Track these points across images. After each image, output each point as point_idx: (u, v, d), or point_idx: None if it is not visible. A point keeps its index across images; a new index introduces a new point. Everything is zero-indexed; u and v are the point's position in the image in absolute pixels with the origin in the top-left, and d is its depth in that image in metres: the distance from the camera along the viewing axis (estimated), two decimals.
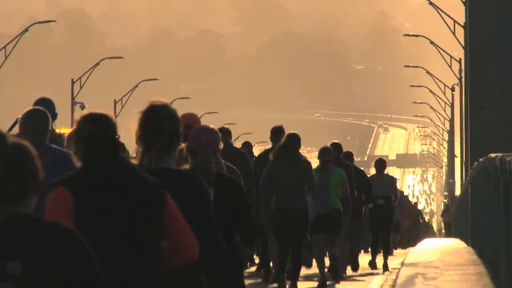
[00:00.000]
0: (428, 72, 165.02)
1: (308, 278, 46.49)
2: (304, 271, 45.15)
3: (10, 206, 9.18)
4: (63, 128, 40.80)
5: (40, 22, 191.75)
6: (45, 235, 9.22)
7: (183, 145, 17.83)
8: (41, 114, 25.34)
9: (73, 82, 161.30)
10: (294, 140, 42.57)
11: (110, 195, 13.48)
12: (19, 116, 32.80)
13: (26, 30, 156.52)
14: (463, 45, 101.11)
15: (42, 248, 9.16)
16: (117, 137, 13.60)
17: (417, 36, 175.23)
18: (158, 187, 13.64)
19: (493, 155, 35.91)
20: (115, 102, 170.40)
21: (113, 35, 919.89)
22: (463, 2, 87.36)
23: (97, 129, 13.02)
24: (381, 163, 65.53)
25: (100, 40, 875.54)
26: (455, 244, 54.88)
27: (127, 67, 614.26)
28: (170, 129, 15.90)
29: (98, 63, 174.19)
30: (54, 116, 29.78)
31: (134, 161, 15.11)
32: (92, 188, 13.49)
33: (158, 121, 15.45)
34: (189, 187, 16.45)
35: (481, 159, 45.41)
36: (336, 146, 53.04)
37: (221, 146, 19.40)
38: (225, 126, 32.59)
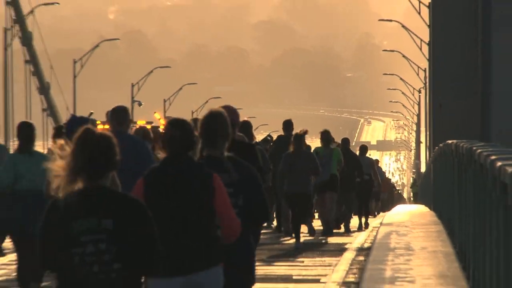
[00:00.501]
0: (401, 79, 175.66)
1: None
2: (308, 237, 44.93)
3: (96, 179, 10.68)
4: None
5: (108, 40, 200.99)
6: (124, 202, 10.84)
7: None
8: (121, 110, 26.20)
9: (132, 86, 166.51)
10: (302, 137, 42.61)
11: (175, 183, 14.20)
12: (92, 111, 33.60)
13: (97, 46, 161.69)
14: (427, 58, 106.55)
15: (123, 210, 10.75)
16: (194, 138, 13.99)
17: (392, 51, 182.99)
18: (211, 178, 14.14)
19: (449, 141, 35.80)
20: (164, 101, 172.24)
21: (163, 49, 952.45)
22: (428, 26, 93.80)
23: (178, 132, 13.69)
24: (364, 148, 66.46)
25: (153, 54, 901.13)
26: (421, 209, 54.69)
27: (174, 74, 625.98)
28: (223, 131, 15.95)
29: (151, 71, 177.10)
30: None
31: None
32: (161, 178, 14.27)
33: (215, 124, 15.61)
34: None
35: (440, 145, 45.14)
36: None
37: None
38: (247, 119, 32.50)
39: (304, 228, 44.19)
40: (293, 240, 41.81)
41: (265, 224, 47.05)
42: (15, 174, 25.91)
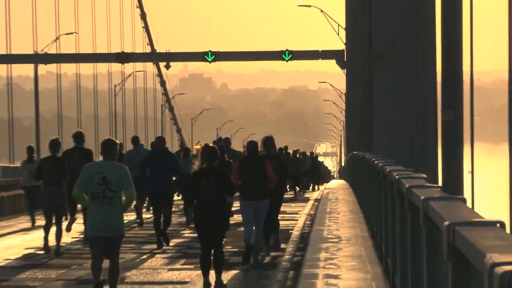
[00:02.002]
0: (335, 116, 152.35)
1: None
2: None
3: (210, 164, 13.71)
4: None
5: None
6: (219, 171, 13.81)
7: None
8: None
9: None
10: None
11: (253, 161, 16.55)
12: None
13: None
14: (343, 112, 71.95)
15: (219, 175, 13.69)
16: (219, 156, 14.42)
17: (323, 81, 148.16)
18: (265, 161, 16.63)
19: (354, 152, 36.85)
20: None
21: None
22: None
23: (206, 152, 13.80)
24: (315, 156, 61.62)
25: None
26: (342, 182, 50.09)
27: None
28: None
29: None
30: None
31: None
32: (246, 161, 16.78)
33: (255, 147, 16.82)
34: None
35: (350, 154, 45.64)
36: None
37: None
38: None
39: None
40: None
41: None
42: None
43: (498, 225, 4.67)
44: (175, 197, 25.48)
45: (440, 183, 14.43)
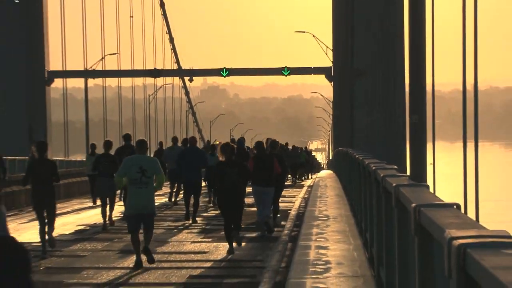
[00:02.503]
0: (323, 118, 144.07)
1: None
2: None
3: (228, 157, 13.91)
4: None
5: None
6: (240, 162, 14.55)
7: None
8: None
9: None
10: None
11: (263, 158, 16.51)
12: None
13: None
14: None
15: (240, 164, 14.22)
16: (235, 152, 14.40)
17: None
18: (273, 159, 16.67)
19: (340, 148, 37.87)
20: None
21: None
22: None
23: (228, 148, 14.11)
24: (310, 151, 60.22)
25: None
26: (330, 172, 48.72)
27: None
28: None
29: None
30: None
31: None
32: (259, 158, 16.62)
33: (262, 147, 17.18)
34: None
35: (336, 149, 45.80)
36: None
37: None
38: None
39: None
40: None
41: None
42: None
43: (454, 206, 4.64)
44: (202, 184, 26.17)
45: (408, 173, 14.06)
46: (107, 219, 18.30)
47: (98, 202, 20.20)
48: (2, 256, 5.03)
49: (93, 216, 21.10)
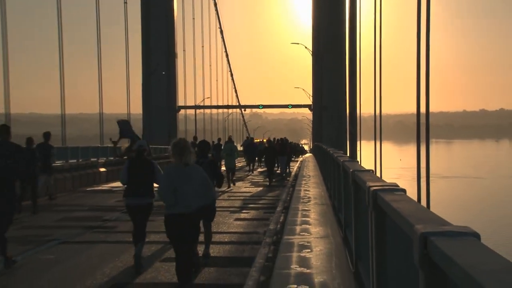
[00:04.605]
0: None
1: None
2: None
3: (270, 145, 14.14)
4: None
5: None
6: (273, 148, 14.60)
7: None
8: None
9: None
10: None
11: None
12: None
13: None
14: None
15: (274, 148, 14.54)
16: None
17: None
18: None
19: (316, 143, 35.09)
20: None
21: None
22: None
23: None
24: (300, 145, 55.65)
25: None
26: (311, 155, 40.89)
27: None
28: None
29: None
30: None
31: None
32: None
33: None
34: None
35: (315, 143, 40.59)
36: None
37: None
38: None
39: None
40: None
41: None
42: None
43: (371, 171, 4.78)
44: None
45: (348, 154, 12.27)
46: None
47: None
48: None
49: None
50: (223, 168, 17.62)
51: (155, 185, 5.61)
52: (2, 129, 5.89)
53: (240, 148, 29.84)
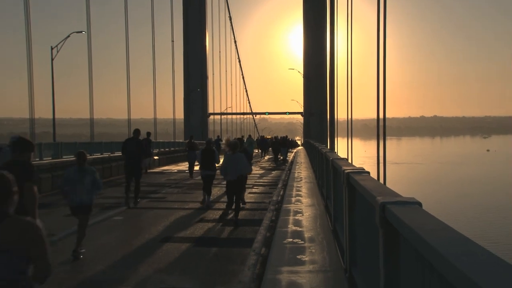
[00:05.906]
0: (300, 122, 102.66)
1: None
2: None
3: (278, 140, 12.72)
4: None
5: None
6: (279, 143, 13.05)
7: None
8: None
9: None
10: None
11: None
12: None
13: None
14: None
15: (281, 143, 13.23)
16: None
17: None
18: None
19: (306, 139, 33.74)
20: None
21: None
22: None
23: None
24: (296, 141, 54.89)
25: None
26: (302, 148, 38.29)
27: None
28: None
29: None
30: None
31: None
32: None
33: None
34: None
35: (305, 139, 40.34)
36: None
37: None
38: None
39: None
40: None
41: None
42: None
43: (345, 158, 4.98)
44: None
45: (328, 147, 12.68)
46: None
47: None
48: None
49: None
50: None
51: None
52: (136, 130, 7.65)
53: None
